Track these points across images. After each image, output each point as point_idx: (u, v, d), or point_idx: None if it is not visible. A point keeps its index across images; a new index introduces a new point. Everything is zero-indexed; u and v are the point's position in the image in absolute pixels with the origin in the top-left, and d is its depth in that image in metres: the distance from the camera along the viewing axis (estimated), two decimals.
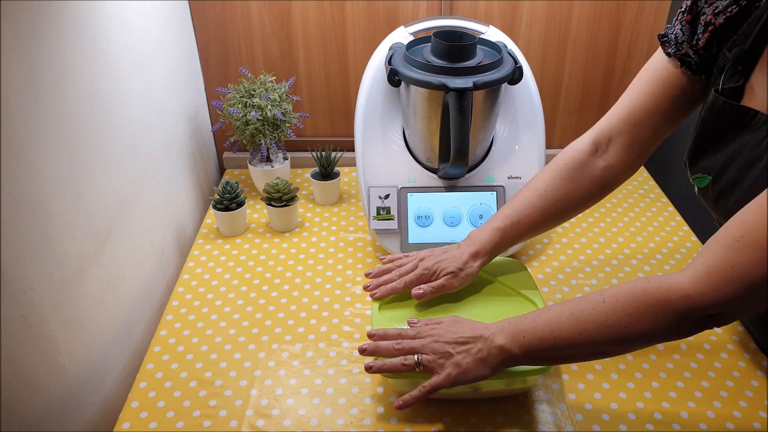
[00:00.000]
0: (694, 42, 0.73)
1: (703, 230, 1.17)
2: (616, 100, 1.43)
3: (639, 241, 1.14)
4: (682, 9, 0.75)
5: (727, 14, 0.69)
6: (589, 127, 0.85)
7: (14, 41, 0.66)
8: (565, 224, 1.17)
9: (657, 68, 0.80)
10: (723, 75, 0.70)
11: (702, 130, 0.73)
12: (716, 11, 0.70)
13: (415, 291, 0.85)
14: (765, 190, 0.59)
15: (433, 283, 0.85)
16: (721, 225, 0.75)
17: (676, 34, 0.76)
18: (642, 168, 1.36)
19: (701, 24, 0.72)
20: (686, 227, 1.18)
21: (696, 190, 0.76)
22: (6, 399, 0.67)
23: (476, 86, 0.94)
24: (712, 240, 0.62)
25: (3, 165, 0.64)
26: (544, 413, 0.80)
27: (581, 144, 0.87)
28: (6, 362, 0.66)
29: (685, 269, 0.63)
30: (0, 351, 0.65)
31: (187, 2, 1.22)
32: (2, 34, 0.63)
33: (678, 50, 0.76)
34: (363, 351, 0.77)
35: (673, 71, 0.78)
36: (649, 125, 0.81)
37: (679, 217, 1.21)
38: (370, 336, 0.79)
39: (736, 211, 0.65)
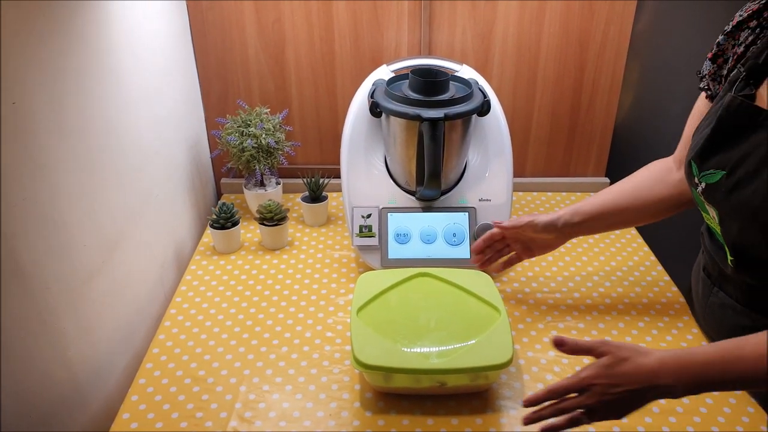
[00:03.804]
0: (723, 73, 0.85)
1: (660, 249, 1.27)
2: (582, 132, 1.57)
3: (602, 260, 1.24)
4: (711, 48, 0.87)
5: (747, 42, 0.81)
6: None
7: (40, 70, 0.77)
8: None
9: (698, 102, 0.93)
10: (736, 86, 0.79)
11: (718, 129, 0.81)
12: (736, 43, 0.83)
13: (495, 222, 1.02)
14: None
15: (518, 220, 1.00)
16: (723, 222, 0.82)
17: (702, 70, 0.89)
18: None
19: (728, 56, 0.84)
20: (646, 248, 1.28)
21: (700, 189, 0.82)
22: (19, 389, 0.75)
23: (447, 117, 1.05)
24: None
25: (28, 178, 0.74)
26: (506, 407, 0.89)
27: (666, 160, 1.00)
28: (22, 354, 0.75)
29: None
30: (18, 344, 0.74)
31: (190, 40, 1.35)
32: (30, 64, 0.75)
33: (703, 84, 0.89)
34: (529, 421, 0.73)
35: (704, 104, 0.90)
36: None
37: (640, 239, 1.31)
38: (529, 402, 0.74)
39: (753, 202, 0.73)
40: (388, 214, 1.17)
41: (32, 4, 0.74)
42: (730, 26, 0.84)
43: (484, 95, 1.13)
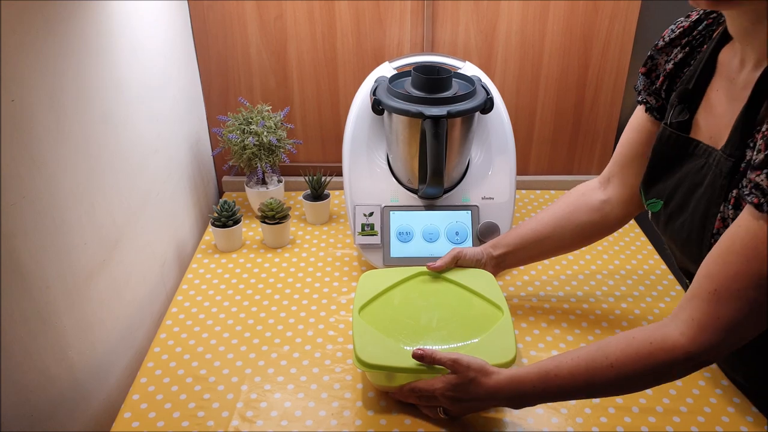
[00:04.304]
0: (653, 89, 0.85)
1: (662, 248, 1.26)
2: (586, 130, 1.55)
3: (605, 259, 1.23)
4: (644, 63, 0.87)
5: (676, 60, 0.81)
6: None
7: (39, 68, 0.76)
8: None
9: (635, 116, 0.92)
10: (672, 111, 0.81)
11: (654, 159, 0.83)
12: (668, 59, 0.83)
13: (429, 264, 1.00)
14: (719, 241, 0.67)
15: (446, 256, 1.01)
16: (671, 249, 0.84)
17: (636, 84, 0.88)
18: None
19: (660, 72, 0.84)
20: (650, 246, 1.27)
21: (650, 215, 0.85)
22: (20, 388, 0.74)
23: (450, 114, 1.05)
24: (692, 294, 0.69)
25: (28, 176, 0.74)
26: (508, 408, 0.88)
27: (590, 182, 1.01)
28: (22, 354, 0.75)
29: (674, 323, 0.69)
30: (17, 344, 0.74)
31: (191, 37, 1.34)
32: (29, 61, 0.74)
33: (641, 98, 0.88)
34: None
35: (643, 117, 0.90)
36: (634, 165, 0.92)
37: (644, 237, 1.30)
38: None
39: (683, 233, 0.75)
40: (391, 212, 1.16)
41: (32, 3, 0.74)
42: (662, 42, 0.84)
43: (487, 92, 1.12)
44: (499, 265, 1.03)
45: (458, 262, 1.01)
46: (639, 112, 0.91)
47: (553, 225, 1.00)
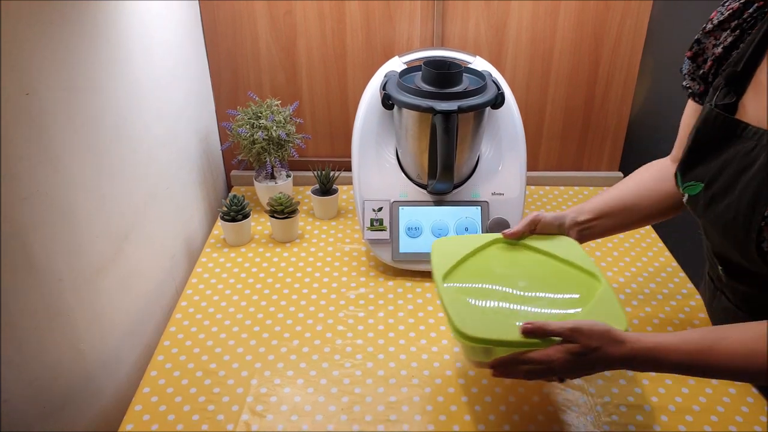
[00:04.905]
0: (700, 74, 0.84)
1: (678, 252, 1.26)
2: (596, 126, 1.53)
3: (615, 256, 1.22)
4: (690, 47, 0.85)
5: (725, 44, 0.79)
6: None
7: (53, 62, 0.76)
8: None
9: (688, 102, 0.90)
10: (717, 93, 0.79)
11: (696, 141, 0.80)
12: (717, 43, 0.81)
13: (506, 232, 0.91)
14: None
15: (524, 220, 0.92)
16: (708, 234, 0.82)
17: (682, 69, 0.87)
18: None
19: (708, 56, 0.82)
20: (660, 243, 1.27)
21: (685, 198, 0.82)
22: (32, 380, 0.75)
23: (461, 109, 1.04)
24: None
25: (41, 170, 0.74)
26: (513, 404, 0.88)
27: (664, 159, 0.97)
28: (34, 346, 0.75)
29: None
30: (29, 336, 0.74)
31: (201, 32, 1.34)
32: (43, 56, 0.74)
33: (685, 83, 0.87)
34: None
35: (690, 102, 0.88)
36: None
37: (660, 243, 1.29)
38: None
39: (727, 215, 0.73)
40: (400, 207, 1.16)
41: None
42: (710, 25, 0.82)
43: (498, 87, 1.12)
44: (582, 233, 0.94)
45: (537, 228, 0.92)
46: (687, 95, 0.90)
47: (641, 193, 0.94)
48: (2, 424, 0.70)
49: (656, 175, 0.95)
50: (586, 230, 0.95)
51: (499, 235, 0.92)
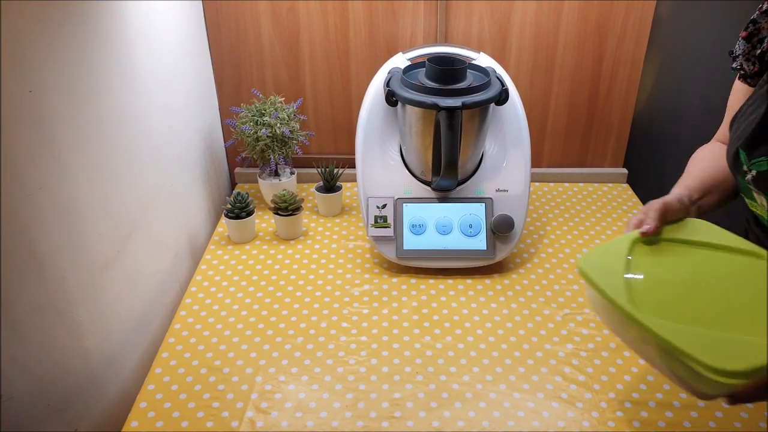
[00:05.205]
0: (755, 54, 0.82)
1: None
2: (600, 122, 1.53)
3: None
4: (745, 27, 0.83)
5: None
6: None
7: (55, 60, 0.76)
8: (551, 235, 1.26)
9: (735, 84, 0.88)
10: None
11: (765, 119, 0.76)
12: None
13: (643, 230, 0.78)
14: None
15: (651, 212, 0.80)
16: None
17: (735, 49, 0.85)
18: (626, 185, 1.45)
19: (764, 36, 0.80)
20: None
21: (750, 176, 0.78)
22: (36, 377, 0.75)
23: (465, 106, 1.04)
24: None
25: (45, 167, 0.74)
26: (520, 402, 0.88)
27: (712, 142, 0.93)
28: (39, 343, 0.75)
29: None
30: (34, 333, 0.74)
31: (204, 29, 1.34)
32: (46, 53, 0.74)
33: (736, 64, 0.85)
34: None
35: (739, 84, 0.87)
36: None
37: None
38: None
39: None
40: (404, 204, 1.16)
41: None
42: (767, 4, 0.81)
43: (502, 84, 1.11)
44: (698, 212, 0.86)
45: (667, 217, 0.81)
46: (736, 77, 0.87)
47: (726, 170, 0.87)
48: (7, 422, 0.70)
49: (719, 153, 0.88)
50: (700, 209, 0.87)
51: (633, 235, 0.77)
